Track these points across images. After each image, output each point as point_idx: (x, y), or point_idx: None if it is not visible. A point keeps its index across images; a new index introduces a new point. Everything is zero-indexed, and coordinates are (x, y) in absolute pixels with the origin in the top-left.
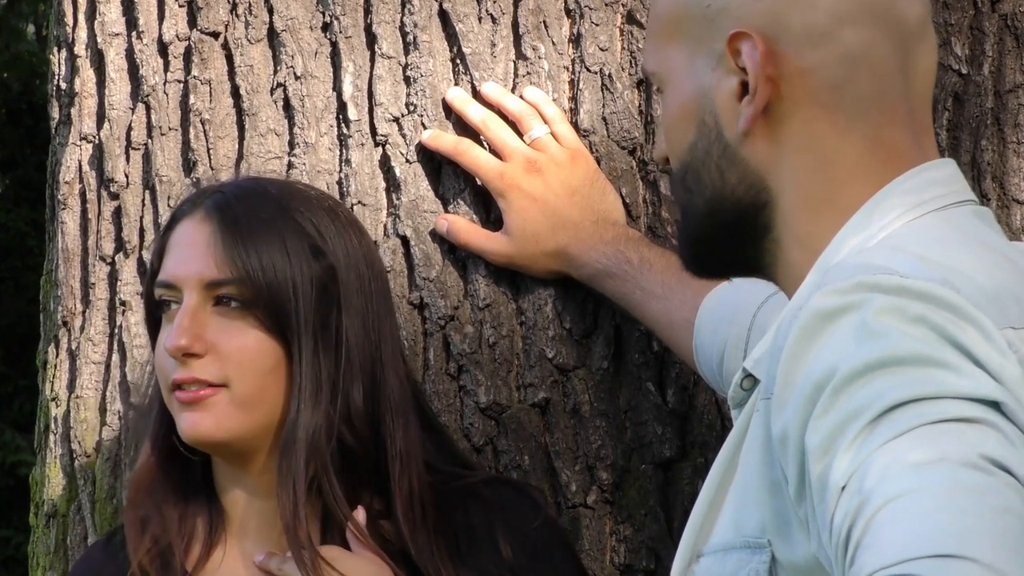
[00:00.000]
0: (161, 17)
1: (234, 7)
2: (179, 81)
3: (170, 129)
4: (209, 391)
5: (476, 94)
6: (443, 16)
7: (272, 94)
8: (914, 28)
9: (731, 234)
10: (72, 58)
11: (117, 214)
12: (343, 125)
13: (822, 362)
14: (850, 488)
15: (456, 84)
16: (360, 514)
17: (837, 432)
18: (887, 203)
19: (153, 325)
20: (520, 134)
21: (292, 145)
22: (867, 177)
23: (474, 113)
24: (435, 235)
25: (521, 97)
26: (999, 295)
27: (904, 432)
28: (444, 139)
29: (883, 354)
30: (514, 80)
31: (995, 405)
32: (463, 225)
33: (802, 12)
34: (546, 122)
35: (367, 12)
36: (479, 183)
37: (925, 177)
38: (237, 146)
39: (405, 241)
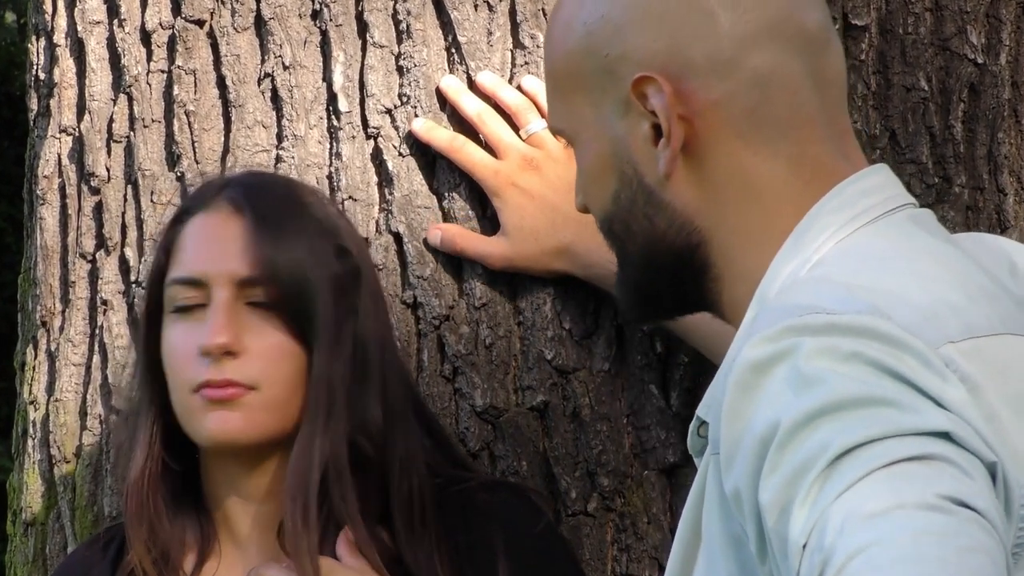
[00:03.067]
0: (144, 4)
1: None
2: (162, 71)
3: (153, 121)
4: (240, 390)
5: (472, 84)
6: (437, 3)
7: (259, 85)
8: (816, 36)
9: (671, 277)
10: (51, 47)
11: (98, 210)
12: (333, 117)
13: (763, 417)
14: (811, 546)
15: (451, 74)
16: (349, 533)
17: (789, 487)
18: (817, 224)
19: (151, 325)
20: (516, 128)
21: (280, 138)
22: (796, 200)
23: (469, 106)
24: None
25: (519, 87)
26: (935, 310)
27: (856, 481)
28: (437, 134)
29: (823, 401)
30: (511, 70)
31: (944, 436)
32: (457, 232)
33: (702, 44)
34: (544, 114)
35: None
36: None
37: (853, 190)
38: (223, 139)
39: (398, 238)
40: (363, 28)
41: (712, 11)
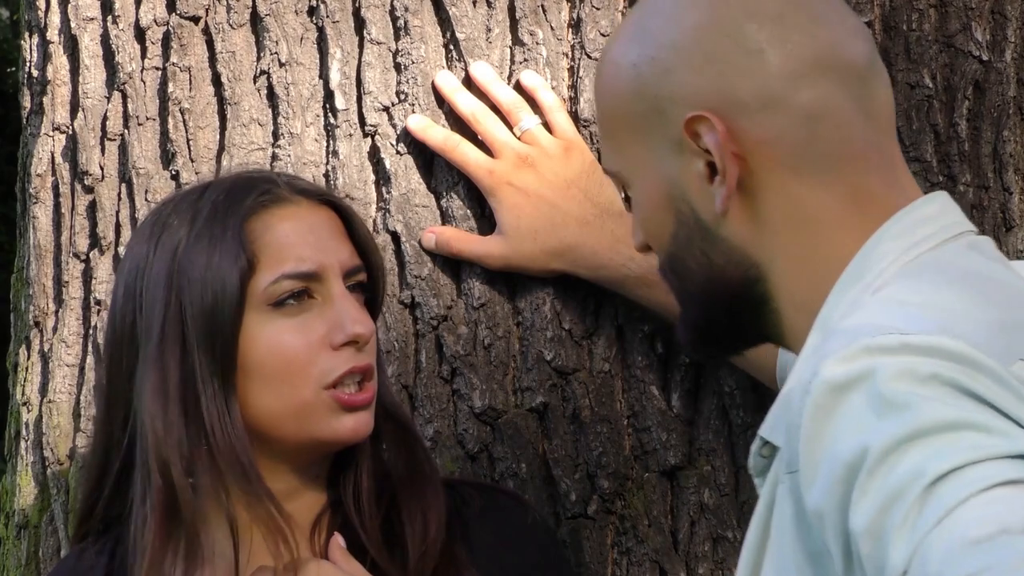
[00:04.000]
0: (138, 1)
1: None
2: (157, 68)
3: (147, 119)
4: (373, 391)
5: (469, 82)
6: None
7: (255, 82)
8: (863, 67)
9: (730, 313)
10: (44, 44)
11: (92, 208)
12: (330, 115)
13: (847, 441)
14: (913, 572)
15: (449, 71)
16: (340, 539)
17: (883, 513)
18: (879, 250)
19: (232, 324)
20: (510, 126)
21: (276, 136)
22: (851, 230)
23: (464, 104)
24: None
25: (517, 83)
26: (1005, 327)
27: (956, 506)
28: (432, 132)
29: (910, 426)
30: (510, 67)
31: None
32: (452, 234)
33: (751, 82)
34: (542, 110)
35: None
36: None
37: (914, 217)
38: (218, 137)
39: (395, 237)
40: (360, 24)
41: (760, 49)
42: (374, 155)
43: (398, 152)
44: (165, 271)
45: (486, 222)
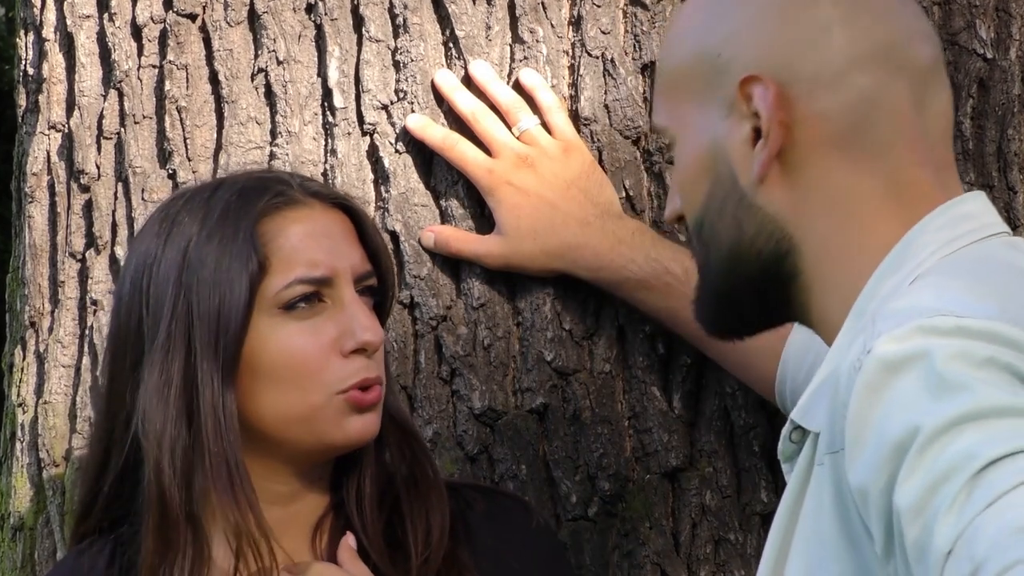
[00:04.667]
0: None
1: None
2: (154, 66)
3: (144, 117)
4: (380, 390)
5: (469, 81)
6: None
7: (253, 80)
8: (927, 68)
9: (754, 287)
10: (40, 42)
11: (88, 208)
12: (328, 113)
13: (898, 420)
14: (958, 554)
15: (448, 69)
16: (351, 539)
17: (931, 493)
18: (920, 241)
19: (239, 327)
20: (509, 126)
21: (274, 134)
22: (892, 218)
23: (463, 103)
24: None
25: (517, 81)
26: None
27: (1007, 491)
28: (431, 131)
29: (966, 407)
30: (510, 65)
31: None
32: (451, 233)
33: (814, 55)
34: (541, 111)
35: None
36: None
37: (956, 212)
38: (215, 135)
39: (394, 236)
40: (359, 22)
41: (829, 26)
42: (373, 154)
43: (397, 151)
44: (175, 268)
45: (485, 222)
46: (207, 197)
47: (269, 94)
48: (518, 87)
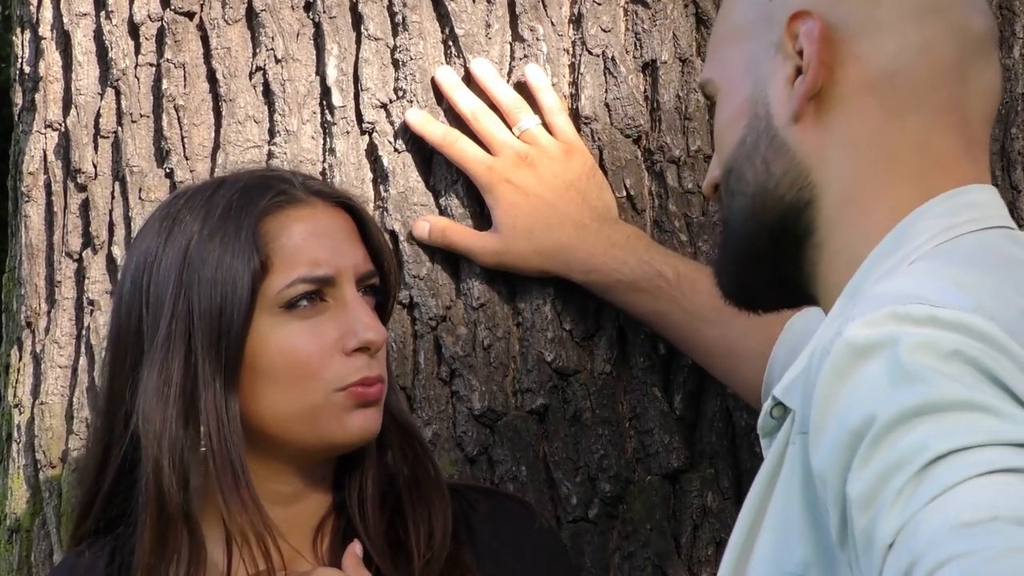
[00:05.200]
0: None
1: None
2: (151, 64)
3: (141, 116)
4: (382, 387)
5: (469, 80)
6: None
7: (251, 78)
8: (977, 37)
9: (773, 238)
10: (36, 40)
11: (85, 207)
12: (327, 112)
13: (858, 407)
14: (899, 546)
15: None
16: (357, 547)
17: (880, 484)
18: (919, 226)
19: (241, 326)
20: (509, 126)
21: (272, 133)
22: (914, 180)
23: (463, 102)
24: None
25: (521, 77)
26: None
27: (952, 486)
28: (431, 127)
29: (922, 400)
30: (510, 63)
31: None
32: (446, 224)
33: (864, 1)
34: (542, 112)
35: None
36: None
37: (961, 200)
38: (213, 134)
39: (394, 236)
40: (357, 20)
41: None
42: (372, 153)
43: (396, 150)
44: (175, 267)
45: (485, 221)
46: (209, 195)
47: (267, 92)
48: (520, 85)
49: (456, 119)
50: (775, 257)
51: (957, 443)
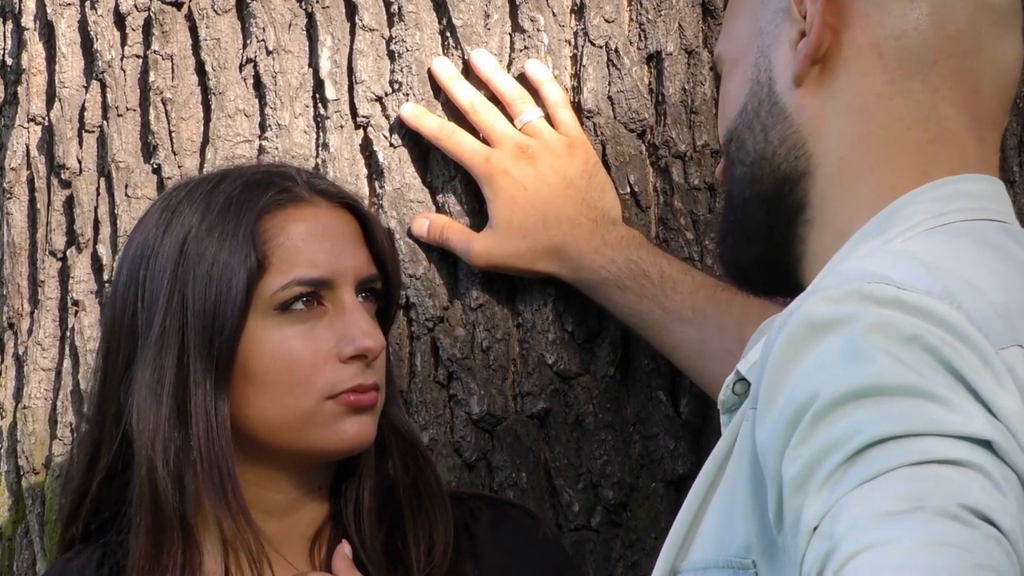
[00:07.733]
0: None
1: None
2: (138, 56)
3: (128, 109)
4: (378, 395)
5: (467, 70)
6: None
7: (241, 70)
8: (998, 9)
9: (768, 211)
10: (19, 30)
11: (69, 204)
12: (320, 105)
13: (805, 384)
14: (821, 531)
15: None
16: (346, 548)
17: (813, 465)
18: (907, 210)
19: (234, 326)
20: (511, 118)
21: (263, 127)
22: (913, 153)
23: (461, 93)
24: None
25: (522, 71)
26: (1010, 310)
27: (881, 473)
28: (427, 120)
29: (868, 381)
30: (510, 55)
31: (986, 444)
32: (446, 222)
33: None
34: (546, 105)
35: None
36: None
37: (955, 188)
38: (202, 128)
39: (389, 234)
40: (352, 10)
41: None
42: (366, 148)
43: (392, 144)
44: (172, 261)
45: (484, 219)
46: (210, 189)
47: (258, 85)
48: (522, 79)
49: (454, 113)
50: (767, 232)
51: (895, 429)
